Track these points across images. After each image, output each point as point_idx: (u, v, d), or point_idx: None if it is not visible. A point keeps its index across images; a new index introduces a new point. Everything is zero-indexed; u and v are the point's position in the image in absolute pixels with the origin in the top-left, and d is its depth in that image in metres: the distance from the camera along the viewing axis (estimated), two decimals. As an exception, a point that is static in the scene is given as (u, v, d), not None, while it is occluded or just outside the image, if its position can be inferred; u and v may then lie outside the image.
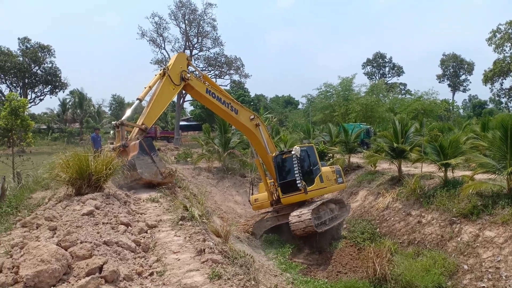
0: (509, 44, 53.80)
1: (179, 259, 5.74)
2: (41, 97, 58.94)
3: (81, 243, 5.51)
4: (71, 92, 60.74)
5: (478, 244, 11.02)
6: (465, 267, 10.72)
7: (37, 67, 56.39)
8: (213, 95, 14.82)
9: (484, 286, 9.82)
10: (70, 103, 60.60)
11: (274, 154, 16.26)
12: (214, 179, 22.89)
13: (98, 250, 5.46)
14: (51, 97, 61.59)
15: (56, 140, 48.74)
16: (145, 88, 13.14)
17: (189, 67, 14.66)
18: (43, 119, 61.16)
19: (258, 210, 17.38)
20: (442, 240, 12.38)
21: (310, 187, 15.49)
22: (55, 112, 62.92)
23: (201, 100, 15.70)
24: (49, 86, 58.34)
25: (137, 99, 12.85)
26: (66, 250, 5.25)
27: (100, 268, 4.95)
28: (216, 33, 52.13)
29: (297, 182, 15.21)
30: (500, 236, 10.64)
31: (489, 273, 10.00)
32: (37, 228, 6.76)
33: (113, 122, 12.49)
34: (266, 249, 14.25)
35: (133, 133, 12.05)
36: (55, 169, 9.21)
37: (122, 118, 12.12)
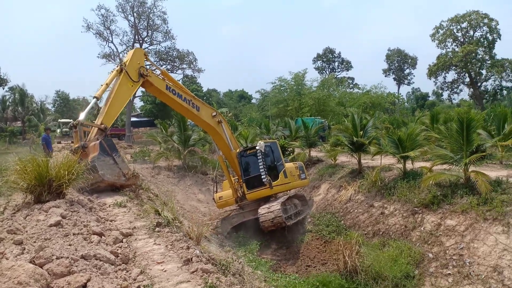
0: (451, 40, 57.11)
1: (165, 270, 5.43)
2: (-22, 94, 54.64)
3: (57, 259, 5.06)
4: (11, 89, 56.70)
5: (441, 233, 11.53)
6: (430, 255, 11.19)
7: (-29, 62, 52.10)
8: (173, 92, 14.36)
9: (449, 273, 10.30)
10: (10, 100, 56.54)
11: (238, 150, 16.09)
12: (175, 178, 22.30)
13: (76, 266, 5.04)
14: (-11, 94, 56.98)
15: (-4, 140, 45.32)
16: (101, 85, 12.48)
17: (147, 62, 14.09)
18: (-20, 118, 56.64)
19: (223, 208, 17.16)
20: (406, 230, 12.83)
21: (274, 182, 15.51)
22: (-7, 110, 58.50)
23: (160, 97, 15.15)
24: (-14, 82, 54.09)
25: (94, 97, 12.22)
26: (41, 267, 4.79)
27: (84, 287, 4.56)
28: (167, 27, 50.74)
29: (262, 177, 15.19)
30: (461, 224, 11.19)
31: (453, 261, 10.50)
32: (-1, 242, 6.14)
33: (70, 121, 11.73)
34: (235, 248, 14.08)
35: (92, 133, 11.40)
36: (11, 176, 8.46)
37: (79, 118, 11.42)
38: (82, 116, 11.59)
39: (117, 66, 12.97)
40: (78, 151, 10.51)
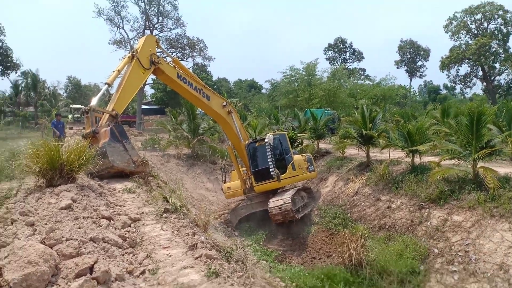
0: (464, 32, 56.09)
1: (171, 255, 5.56)
2: (-9, 79, 55.30)
3: (66, 240, 5.21)
4: (23, 73, 57.25)
5: (447, 229, 11.50)
6: (436, 251, 11.18)
7: (-15, 46, 52.60)
8: (184, 80, 14.38)
9: (455, 270, 10.29)
10: (22, 85, 57.11)
11: (247, 142, 16.13)
12: (184, 166, 22.49)
13: (85, 248, 5.18)
14: (2, 79, 57.69)
15: (9, 124, 45.89)
16: (113, 72, 12.56)
17: (158, 50, 14.13)
18: (-6, 102, 57.40)
19: (231, 198, 17.28)
20: (412, 224, 12.83)
21: (283, 175, 15.57)
22: (7, 94, 59.19)
23: (171, 85, 15.19)
24: (0, 67, 54.72)
25: (106, 83, 12.31)
26: (51, 248, 4.93)
27: (91, 268, 4.69)
28: (177, 13, 50.64)
29: (270, 170, 15.23)
30: (468, 220, 11.15)
31: (459, 257, 10.48)
32: (12, 223, 6.30)
33: (81, 107, 11.89)
34: (242, 237, 14.24)
35: (103, 119, 11.51)
36: (24, 159, 8.65)
37: (91, 104, 11.54)
38: (93, 102, 11.71)
39: (129, 53, 13.03)
40: (89, 137, 10.65)
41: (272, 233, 15.02)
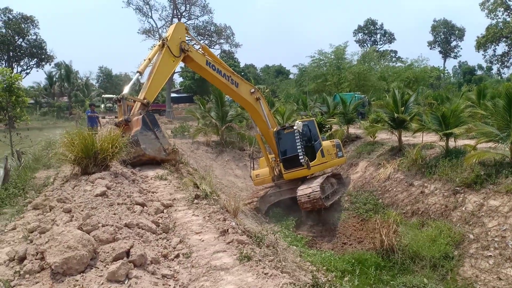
0: (502, 10, 53.41)
1: (203, 240, 5.65)
2: (28, 71, 57.48)
3: (102, 226, 5.37)
4: (57, 65, 59.18)
5: (483, 214, 11.15)
6: (471, 236, 10.88)
7: (21, 40, 54.60)
8: (213, 68, 14.43)
9: (490, 255, 10.00)
10: (56, 76, 59.08)
11: (275, 129, 16.04)
12: (213, 153, 22.74)
13: (120, 233, 5.32)
14: (37, 71, 60.08)
15: (45, 115, 47.72)
16: (144, 60, 12.74)
17: (187, 37, 14.20)
18: (30, 93, 59.65)
19: (259, 185, 17.35)
20: (446, 210, 12.51)
21: (312, 162, 15.45)
22: (42, 86, 61.40)
23: (200, 72, 15.28)
24: (35, 59, 56.76)
25: (137, 72, 12.47)
26: (88, 234, 5.11)
27: (127, 252, 4.82)
28: (204, 0, 50.71)
29: (300, 157, 15.13)
30: (505, 205, 10.76)
31: (495, 242, 10.17)
32: (50, 210, 6.57)
33: (113, 97, 12.16)
34: (271, 223, 14.33)
35: (135, 108, 11.72)
36: (60, 148, 8.96)
37: (123, 92, 11.76)
38: (125, 90, 11.94)
39: (159, 41, 13.16)
40: (121, 125, 10.89)
41: (302, 219, 15.04)
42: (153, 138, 11.03)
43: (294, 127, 15.27)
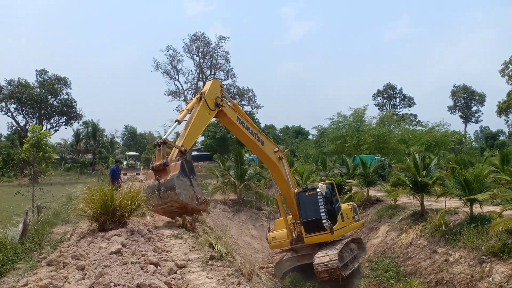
0: (522, 76, 53.78)
1: (215, 305, 5.47)
2: (56, 128, 59.90)
3: (114, 286, 5.30)
4: (84, 123, 61.64)
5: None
6: (501, 310, 10.16)
7: (53, 99, 57.57)
8: (243, 124, 14.83)
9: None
10: (83, 134, 61.31)
11: (296, 191, 15.80)
12: (230, 212, 22.57)
13: (132, 294, 5.23)
14: (65, 128, 62.54)
15: (69, 170, 48.90)
16: (182, 110, 13.33)
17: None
18: (57, 150, 61.81)
19: (276, 249, 16.80)
20: (472, 280, 11.81)
21: (334, 226, 14.99)
22: (68, 142, 63.64)
23: (231, 127, 15.62)
24: (65, 117, 59.36)
25: (176, 120, 12.76)
26: (99, 293, 5.04)
27: (137, 315, 4.70)
28: (229, 65, 53.14)
29: (323, 221, 14.60)
30: (537, 277, 10.13)
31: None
32: (64, 267, 6.54)
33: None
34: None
35: (173, 154, 11.80)
36: (80, 204, 9.10)
37: (164, 137, 12.00)
38: (165, 135, 12.29)
39: (198, 94, 13.68)
40: (159, 168, 10.94)
41: (319, 285, 14.37)
42: (189, 184, 10.82)
43: (318, 190, 14.91)
